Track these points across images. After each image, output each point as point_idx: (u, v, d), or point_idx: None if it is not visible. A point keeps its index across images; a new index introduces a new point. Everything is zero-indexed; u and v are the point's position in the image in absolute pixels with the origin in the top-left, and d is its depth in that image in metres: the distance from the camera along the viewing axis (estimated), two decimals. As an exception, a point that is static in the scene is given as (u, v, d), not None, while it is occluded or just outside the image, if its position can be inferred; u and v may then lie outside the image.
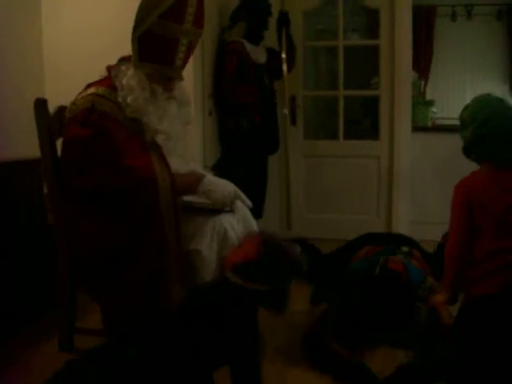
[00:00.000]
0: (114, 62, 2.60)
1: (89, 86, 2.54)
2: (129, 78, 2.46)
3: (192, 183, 2.53)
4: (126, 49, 2.53)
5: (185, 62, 2.53)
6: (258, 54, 4.31)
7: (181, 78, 2.60)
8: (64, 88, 3.17)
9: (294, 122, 4.80)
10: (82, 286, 2.62)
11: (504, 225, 2.16)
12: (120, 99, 2.46)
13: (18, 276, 2.94)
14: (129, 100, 2.44)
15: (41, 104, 2.52)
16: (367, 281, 2.68)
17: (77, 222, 2.45)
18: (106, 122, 2.41)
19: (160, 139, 2.51)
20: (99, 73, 2.58)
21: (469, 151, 2.42)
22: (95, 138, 2.37)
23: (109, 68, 2.57)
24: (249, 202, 2.74)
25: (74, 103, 2.49)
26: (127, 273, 2.36)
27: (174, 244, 2.39)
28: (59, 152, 2.55)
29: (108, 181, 2.36)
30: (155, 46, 2.43)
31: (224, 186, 2.59)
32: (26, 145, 2.97)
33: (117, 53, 2.63)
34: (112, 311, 2.47)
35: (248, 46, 4.23)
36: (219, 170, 3.46)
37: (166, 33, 2.38)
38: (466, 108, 2.44)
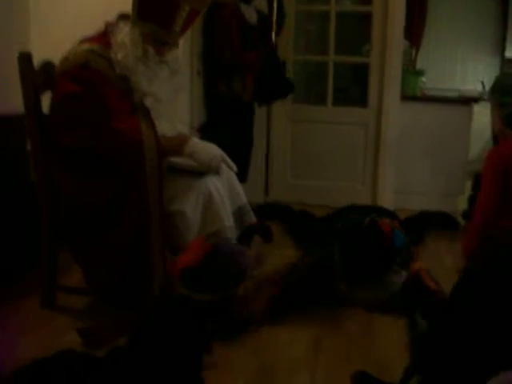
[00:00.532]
0: (102, 15, 2.54)
1: (83, 41, 2.49)
2: (124, 34, 2.43)
3: (177, 145, 2.52)
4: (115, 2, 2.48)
5: (184, 29, 2.50)
6: (251, 15, 4.24)
7: (176, 46, 2.56)
8: (50, 43, 3.15)
9: (285, 94, 4.73)
10: (64, 244, 2.61)
11: None
12: (112, 55, 2.42)
13: (1, 233, 2.92)
14: (119, 56, 2.41)
15: (25, 58, 2.47)
16: (355, 230, 2.72)
17: (61, 179, 2.44)
18: (99, 80, 2.38)
19: (148, 101, 2.48)
20: (87, 27, 2.53)
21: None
22: (86, 95, 2.35)
23: (107, 24, 2.52)
24: (234, 167, 2.73)
25: (66, 58, 2.45)
26: (110, 233, 2.37)
27: (157, 206, 2.38)
28: (44, 107, 2.52)
29: (95, 141, 2.35)
30: (156, 6, 2.40)
31: (210, 149, 2.57)
32: (11, 100, 2.93)
33: (106, 6, 2.59)
34: (94, 271, 2.47)
35: (242, 6, 4.16)
36: (205, 132, 3.45)
37: None
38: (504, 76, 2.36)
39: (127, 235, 2.37)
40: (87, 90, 2.35)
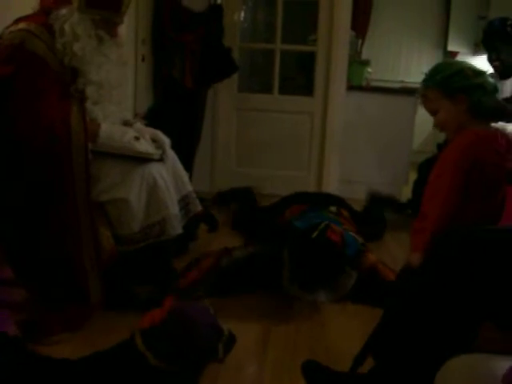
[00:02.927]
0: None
1: (19, 20, 2.35)
2: (73, 24, 2.30)
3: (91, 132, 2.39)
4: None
5: (128, 5, 2.42)
6: (193, 2, 4.19)
7: (122, 22, 2.49)
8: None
9: (228, 74, 4.69)
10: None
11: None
12: (59, 46, 2.30)
13: None
14: (75, 48, 2.30)
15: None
16: (303, 242, 2.68)
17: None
18: (32, 62, 2.26)
19: (90, 90, 2.38)
20: (21, 7, 2.40)
21: None
22: (17, 76, 2.23)
23: (43, 4, 2.39)
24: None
25: (0, 37, 2.32)
26: (39, 232, 2.29)
27: (84, 193, 2.31)
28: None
29: (21, 130, 2.23)
30: None
31: (124, 132, 2.47)
32: None
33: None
34: (26, 270, 2.39)
35: None
36: (149, 119, 3.36)
37: None
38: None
39: (54, 228, 2.29)
40: (19, 70, 2.23)
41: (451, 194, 1.97)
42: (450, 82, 2.05)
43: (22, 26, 2.29)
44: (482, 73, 2.08)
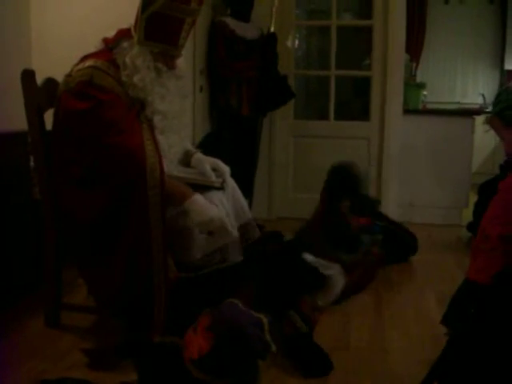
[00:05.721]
0: (102, 31, 2.54)
1: (85, 57, 2.47)
2: (133, 56, 2.41)
3: (180, 194, 2.44)
4: (115, 13, 2.47)
5: (186, 39, 2.50)
6: (246, 31, 4.32)
7: (181, 55, 2.57)
8: (50, 60, 3.15)
9: (285, 101, 4.74)
10: (69, 260, 2.58)
11: None
12: (124, 78, 2.40)
13: (4, 252, 2.89)
14: (135, 80, 2.39)
15: (28, 75, 2.45)
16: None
17: (64, 196, 2.41)
18: (104, 95, 2.36)
19: (157, 119, 2.47)
20: (86, 44, 2.51)
21: None
22: (92, 111, 2.32)
23: (106, 41, 2.50)
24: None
25: (69, 75, 2.43)
26: (112, 249, 2.34)
27: (160, 226, 2.33)
28: (47, 125, 2.51)
29: (98, 158, 2.32)
30: (162, 26, 2.39)
31: (208, 211, 2.43)
32: (11, 118, 2.92)
33: (105, 24, 2.58)
34: (98, 285, 2.44)
35: (233, 23, 4.26)
36: (206, 146, 3.44)
37: (174, 13, 2.35)
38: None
39: (128, 252, 2.33)
40: (92, 107, 2.32)
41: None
42: (508, 113, 2.04)
43: (89, 63, 2.40)
44: None
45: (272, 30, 4.38)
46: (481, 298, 1.82)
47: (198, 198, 2.44)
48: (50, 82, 2.56)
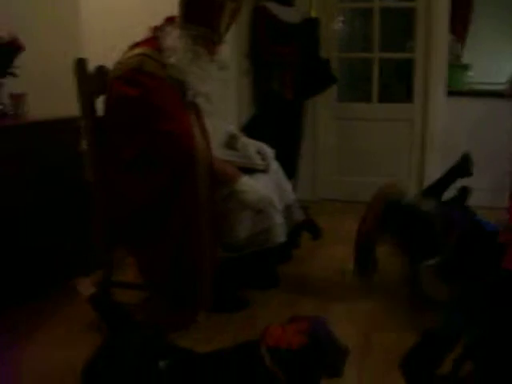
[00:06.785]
0: (149, 19, 2.62)
1: (134, 45, 2.56)
2: (174, 38, 2.49)
3: (229, 176, 2.57)
4: (160, 2, 2.54)
5: (228, 26, 2.56)
6: (289, 15, 4.33)
7: (223, 42, 2.63)
8: (100, 48, 3.25)
9: (327, 86, 4.76)
10: (119, 241, 2.69)
11: None
12: (165, 60, 2.48)
13: (56, 232, 3.03)
14: (173, 60, 2.47)
15: (81, 63, 2.56)
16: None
17: (115, 178, 2.51)
18: (153, 82, 2.44)
19: (200, 101, 2.55)
20: (134, 32, 2.60)
21: None
22: (143, 97, 2.41)
23: (154, 29, 2.59)
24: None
25: (119, 62, 2.53)
26: (162, 228, 2.44)
27: (208, 206, 2.44)
28: (98, 111, 2.61)
29: (149, 144, 2.42)
30: (202, 9, 2.46)
31: (258, 190, 2.58)
32: (63, 103, 3.04)
33: (153, 11, 2.66)
34: (148, 265, 2.55)
35: (275, 7, 4.27)
36: (249, 130, 3.51)
37: None
38: None
39: (177, 233, 2.43)
40: (143, 93, 2.40)
41: None
42: None
43: (138, 51, 2.50)
44: None
45: (314, 14, 4.40)
46: None
47: (247, 179, 2.54)
48: (101, 69, 2.66)
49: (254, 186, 2.56)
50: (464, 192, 3.40)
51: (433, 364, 1.92)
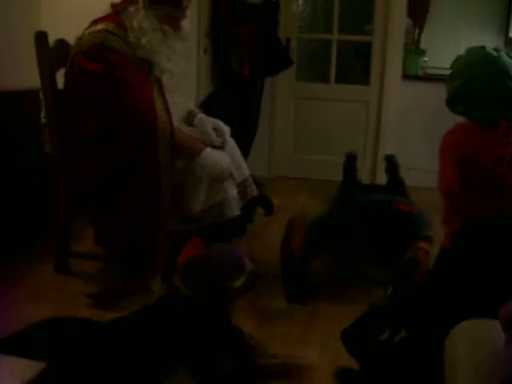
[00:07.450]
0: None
1: (95, 21, 2.61)
2: (140, 20, 2.55)
3: (192, 149, 2.65)
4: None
5: (189, 1, 2.64)
6: None
7: (186, 17, 2.70)
8: (59, 22, 3.26)
9: (283, 68, 4.83)
10: (79, 210, 2.76)
11: (491, 178, 2.19)
12: (131, 39, 2.54)
13: (16, 203, 3.06)
14: (143, 42, 2.54)
15: (42, 37, 2.60)
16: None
17: (75, 150, 2.58)
18: (116, 56, 2.50)
19: (165, 78, 2.62)
20: (96, 5, 2.64)
21: (453, 105, 2.43)
22: (106, 72, 2.47)
23: (114, 6, 2.64)
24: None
25: (81, 38, 2.57)
26: (122, 199, 2.52)
27: (168, 177, 2.52)
28: (58, 84, 2.66)
29: (111, 117, 2.48)
30: None
31: (220, 163, 2.66)
32: (22, 76, 3.05)
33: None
34: (108, 234, 2.63)
35: None
36: (206, 107, 3.58)
37: None
38: (457, 60, 2.42)
39: (138, 203, 2.52)
40: (106, 67, 2.46)
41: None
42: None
43: (100, 26, 2.55)
44: None
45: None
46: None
47: (210, 151, 2.65)
48: (61, 43, 2.70)
49: (216, 159, 2.65)
50: (390, 160, 3.59)
51: (372, 334, 2.05)
